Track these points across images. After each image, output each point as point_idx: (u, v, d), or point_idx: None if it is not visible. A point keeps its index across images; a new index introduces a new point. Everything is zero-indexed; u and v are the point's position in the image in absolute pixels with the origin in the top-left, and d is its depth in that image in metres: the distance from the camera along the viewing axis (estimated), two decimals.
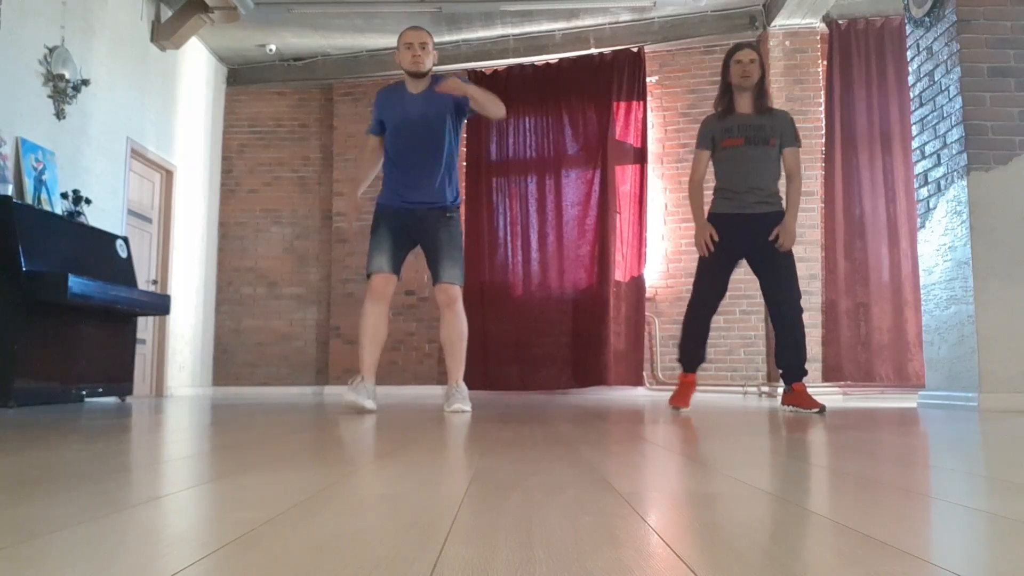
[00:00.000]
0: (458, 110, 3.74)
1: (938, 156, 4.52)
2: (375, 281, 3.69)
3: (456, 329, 3.71)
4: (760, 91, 3.82)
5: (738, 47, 3.83)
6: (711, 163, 3.91)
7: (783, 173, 3.87)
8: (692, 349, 3.86)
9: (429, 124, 3.70)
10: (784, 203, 3.84)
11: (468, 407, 3.64)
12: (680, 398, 3.86)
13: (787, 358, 3.73)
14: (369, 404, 3.55)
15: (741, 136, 3.77)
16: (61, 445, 1.85)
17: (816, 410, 3.58)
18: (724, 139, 3.80)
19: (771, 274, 3.74)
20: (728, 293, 6.77)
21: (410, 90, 3.78)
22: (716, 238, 3.76)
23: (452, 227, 3.77)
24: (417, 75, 3.73)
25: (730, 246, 3.79)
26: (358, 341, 3.75)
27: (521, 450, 1.75)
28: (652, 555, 0.72)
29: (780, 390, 3.95)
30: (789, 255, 3.76)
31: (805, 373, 3.73)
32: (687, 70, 7.23)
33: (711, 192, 3.94)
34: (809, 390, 6.39)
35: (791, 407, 3.70)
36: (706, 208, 3.89)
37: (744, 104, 3.84)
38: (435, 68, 3.76)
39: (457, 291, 3.71)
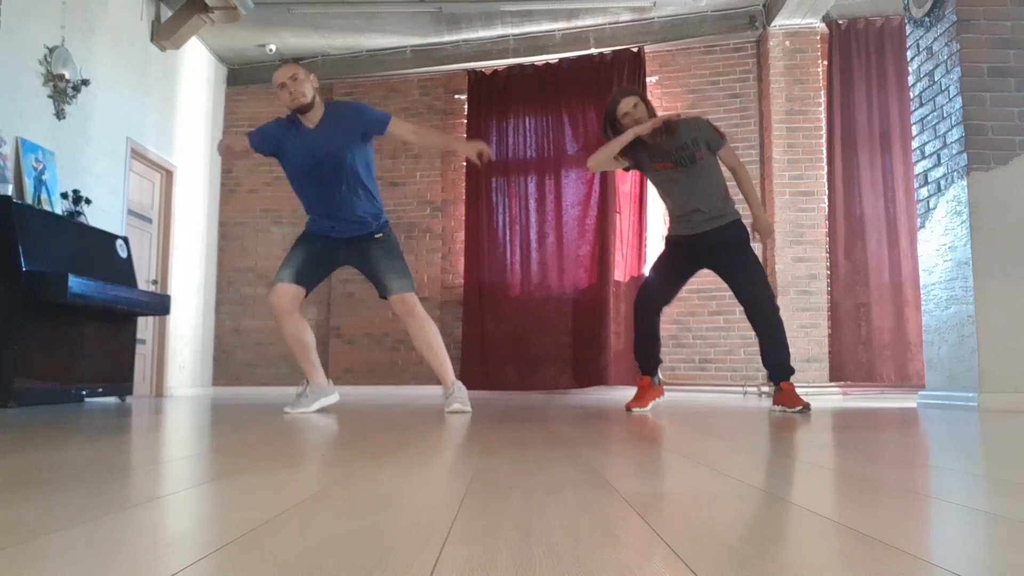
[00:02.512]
0: (364, 135, 3.56)
1: (938, 156, 4.52)
2: (272, 293, 3.63)
3: (428, 333, 3.62)
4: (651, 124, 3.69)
5: (614, 100, 3.73)
6: (655, 184, 3.89)
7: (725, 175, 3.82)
8: (640, 348, 3.85)
9: (337, 158, 3.49)
10: (737, 210, 3.82)
11: (468, 407, 3.57)
12: (636, 400, 3.83)
13: (771, 358, 3.70)
14: (313, 407, 3.55)
15: (669, 161, 3.73)
16: (61, 445, 1.85)
17: (799, 408, 3.56)
18: (654, 162, 3.77)
19: (739, 278, 3.73)
20: (727, 293, 6.80)
21: (307, 124, 3.55)
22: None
23: (384, 244, 3.64)
24: (303, 110, 3.50)
25: (689, 261, 3.81)
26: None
27: (521, 450, 1.75)
28: (652, 555, 0.72)
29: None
30: (752, 257, 3.75)
31: (792, 371, 3.71)
32: (687, 70, 7.23)
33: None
34: (811, 390, 6.42)
35: (779, 407, 3.68)
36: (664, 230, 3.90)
37: (652, 137, 3.73)
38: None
39: (412, 298, 3.60)
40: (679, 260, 3.83)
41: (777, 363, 3.69)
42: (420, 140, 3.76)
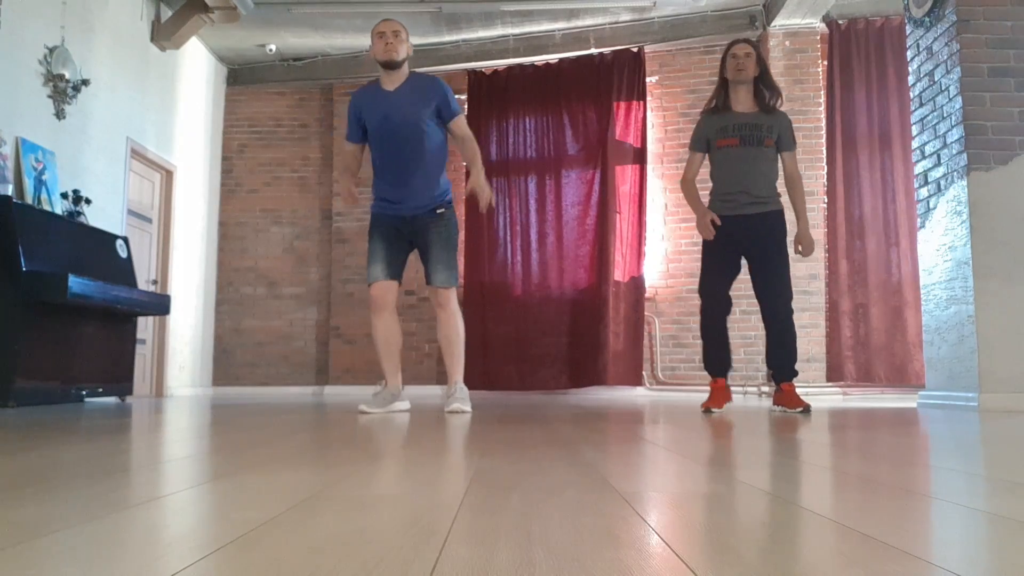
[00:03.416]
0: (439, 113, 3.62)
1: (938, 156, 4.52)
2: (373, 291, 3.61)
3: (452, 329, 3.64)
4: (759, 88, 3.76)
5: (735, 42, 3.81)
6: (708, 162, 3.88)
7: (780, 173, 3.82)
8: (715, 354, 3.80)
9: (411, 123, 3.55)
10: (780, 200, 3.79)
11: (468, 407, 3.58)
12: (713, 400, 3.79)
13: (778, 357, 3.69)
14: (386, 409, 3.54)
15: (736, 136, 3.72)
16: (61, 445, 1.85)
17: (800, 409, 3.54)
18: (718, 139, 3.76)
19: (767, 273, 3.71)
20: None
21: (386, 87, 3.63)
22: (718, 222, 3.73)
23: (443, 225, 3.64)
24: (390, 65, 3.57)
25: (730, 245, 3.76)
26: (376, 349, 3.67)
27: (521, 450, 1.75)
28: (652, 555, 0.72)
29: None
30: (783, 256, 3.72)
31: (795, 373, 3.69)
32: (687, 70, 7.23)
33: (706, 193, 3.91)
34: (811, 390, 6.41)
35: (779, 407, 3.66)
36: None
37: (741, 101, 3.77)
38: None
39: (448, 294, 3.62)
40: (721, 248, 3.74)
41: (782, 365, 3.68)
42: (465, 147, 3.72)
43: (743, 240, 3.74)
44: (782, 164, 3.82)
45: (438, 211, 3.63)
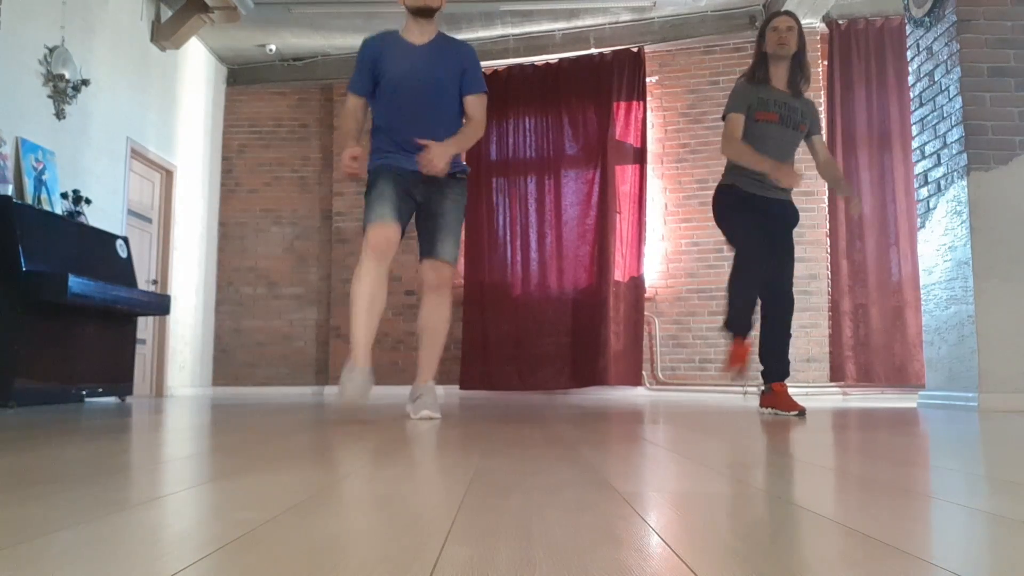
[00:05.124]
0: (462, 76, 3.19)
1: (938, 156, 4.52)
2: (375, 234, 2.87)
3: (441, 316, 3.12)
4: (797, 68, 3.55)
5: (776, 13, 3.58)
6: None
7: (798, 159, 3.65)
8: (749, 314, 3.56)
9: (440, 84, 3.11)
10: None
11: (438, 414, 3.11)
12: (739, 358, 3.56)
13: (775, 354, 3.52)
14: (363, 400, 2.90)
15: (776, 112, 3.51)
16: (61, 445, 1.85)
17: (795, 412, 3.34)
18: (759, 110, 3.51)
19: (783, 263, 3.55)
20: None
21: (412, 40, 3.13)
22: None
23: (459, 195, 3.15)
24: (424, 13, 3.08)
25: (760, 220, 3.53)
26: (351, 312, 2.93)
27: (521, 450, 1.75)
28: (652, 555, 0.72)
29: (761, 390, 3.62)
30: (793, 246, 3.61)
31: (787, 374, 3.54)
32: (687, 70, 7.23)
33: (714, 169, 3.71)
34: (812, 390, 6.41)
35: (770, 409, 3.47)
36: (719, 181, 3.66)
37: (779, 78, 3.57)
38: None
39: (451, 272, 3.11)
40: (754, 217, 3.51)
41: (778, 360, 3.52)
42: (467, 127, 3.24)
43: (767, 221, 3.53)
44: (813, 149, 3.68)
45: (458, 175, 3.14)
